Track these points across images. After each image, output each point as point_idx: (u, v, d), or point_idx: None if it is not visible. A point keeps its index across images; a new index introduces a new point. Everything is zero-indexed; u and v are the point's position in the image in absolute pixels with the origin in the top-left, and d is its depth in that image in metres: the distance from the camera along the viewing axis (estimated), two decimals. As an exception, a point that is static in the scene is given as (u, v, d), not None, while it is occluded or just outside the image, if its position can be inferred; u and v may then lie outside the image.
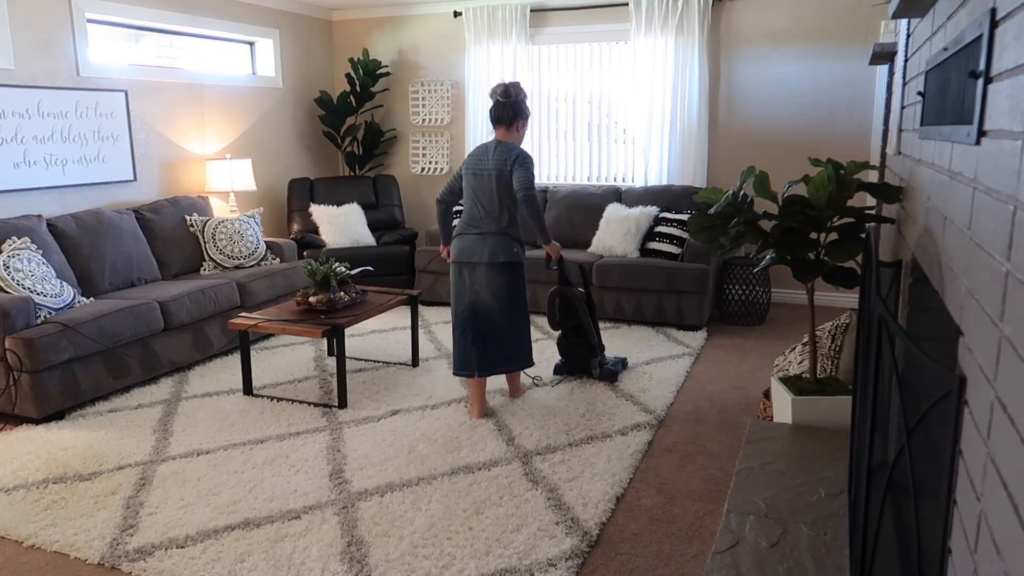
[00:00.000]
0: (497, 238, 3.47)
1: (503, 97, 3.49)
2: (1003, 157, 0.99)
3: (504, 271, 3.48)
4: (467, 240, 3.49)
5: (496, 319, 3.50)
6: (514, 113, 3.49)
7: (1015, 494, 0.79)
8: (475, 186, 3.48)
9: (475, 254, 3.46)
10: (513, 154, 3.44)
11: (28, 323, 3.61)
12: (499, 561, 2.44)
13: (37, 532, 2.66)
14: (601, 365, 4.03)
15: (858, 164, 2.55)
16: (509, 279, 3.49)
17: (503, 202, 3.46)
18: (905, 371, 1.57)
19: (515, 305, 3.54)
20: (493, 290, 3.48)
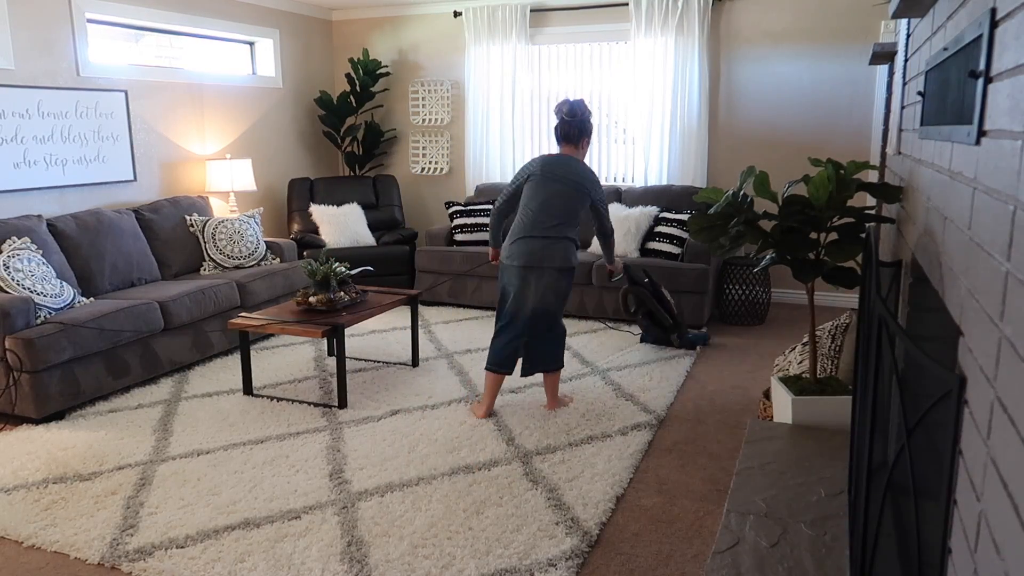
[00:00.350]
0: (566, 243, 3.56)
1: (569, 116, 3.59)
2: (1003, 157, 0.99)
3: (566, 275, 3.58)
4: (536, 244, 3.51)
5: (552, 319, 3.59)
6: (580, 132, 3.61)
7: (1015, 494, 0.79)
8: (550, 191, 3.53)
9: (546, 258, 3.51)
10: (590, 176, 3.60)
11: (28, 323, 3.61)
12: (499, 561, 2.44)
13: (37, 532, 2.66)
14: (681, 336, 4.67)
15: (858, 164, 2.55)
16: (569, 282, 3.61)
17: (576, 213, 3.57)
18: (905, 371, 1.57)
19: (564, 305, 3.66)
20: (556, 291, 3.55)
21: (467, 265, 5.69)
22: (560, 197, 3.52)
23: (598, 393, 3.95)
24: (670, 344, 4.74)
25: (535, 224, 3.53)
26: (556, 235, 3.52)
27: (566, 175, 3.54)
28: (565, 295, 3.63)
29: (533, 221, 3.53)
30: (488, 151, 6.46)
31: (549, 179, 3.55)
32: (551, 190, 3.53)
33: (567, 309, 5.47)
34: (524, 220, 3.57)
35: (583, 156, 3.68)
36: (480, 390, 4.02)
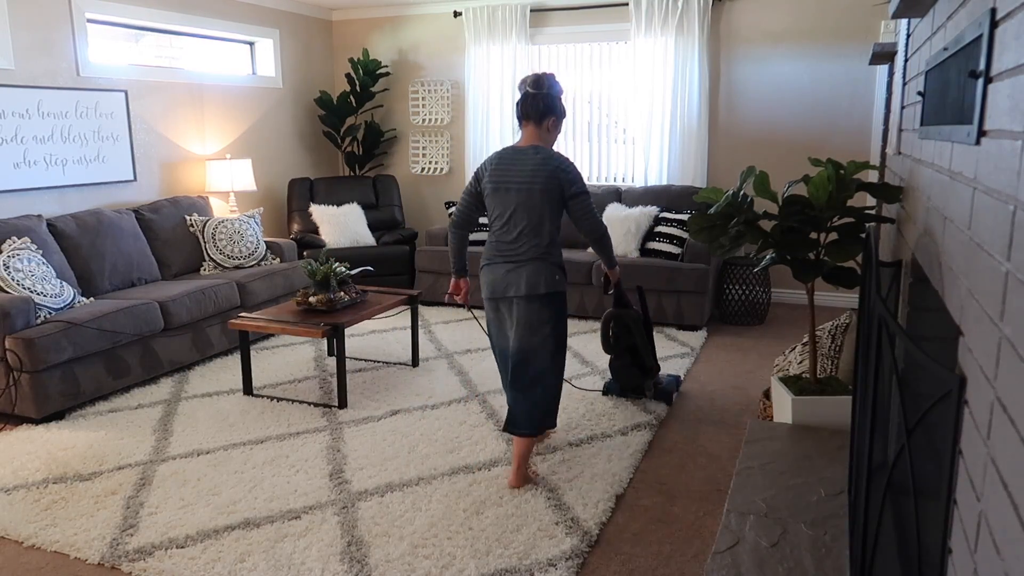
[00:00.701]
0: (536, 265, 2.87)
1: (533, 88, 2.90)
2: (1003, 157, 0.99)
3: (547, 303, 2.89)
4: (499, 271, 2.92)
5: (539, 368, 2.92)
6: (546, 107, 2.90)
7: (1015, 494, 0.79)
8: (507, 201, 2.88)
9: (511, 286, 2.89)
10: (555, 163, 2.84)
11: (28, 323, 3.61)
12: (499, 561, 2.44)
13: (37, 532, 2.66)
14: (655, 385, 3.80)
15: (858, 164, 2.55)
16: (555, 312, 2.91)
17: (545, 221, 2.87)
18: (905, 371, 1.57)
19: (559, 344, 2.96)
20: (536, 327, 2.89)
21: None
22: (522, 208, 2.85)
23: (598, 393, 3.95)
24: (641, 394, 3.82)
25: (497, 245, 2.93)
26: (523, 256, 2.87)
27: (523, 173, 2.84)
28: (553, 333, 2.90)
29: (496, 241, 2.94)
30: (488, 151, 6.46)
31: (502, 186, 2.88)
32: (508, 199, 2.87)
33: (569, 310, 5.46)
34: (488, 240, 2.99)
35: (551, 143, 2.97)
36: (480, 390, 4.02)
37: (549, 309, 2.89)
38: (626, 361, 3.73)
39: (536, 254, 2.88)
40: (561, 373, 2.99)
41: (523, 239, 2.88)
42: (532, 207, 2.85)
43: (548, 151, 2.88)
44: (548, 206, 2.87)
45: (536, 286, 2.86)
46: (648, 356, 3.68)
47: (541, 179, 2.83)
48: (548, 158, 2.85)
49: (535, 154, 2.86)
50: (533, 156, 2.86)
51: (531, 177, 2.83)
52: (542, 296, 2.88)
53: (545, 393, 2.94)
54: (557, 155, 2.87)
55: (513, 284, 2.88)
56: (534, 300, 2.87)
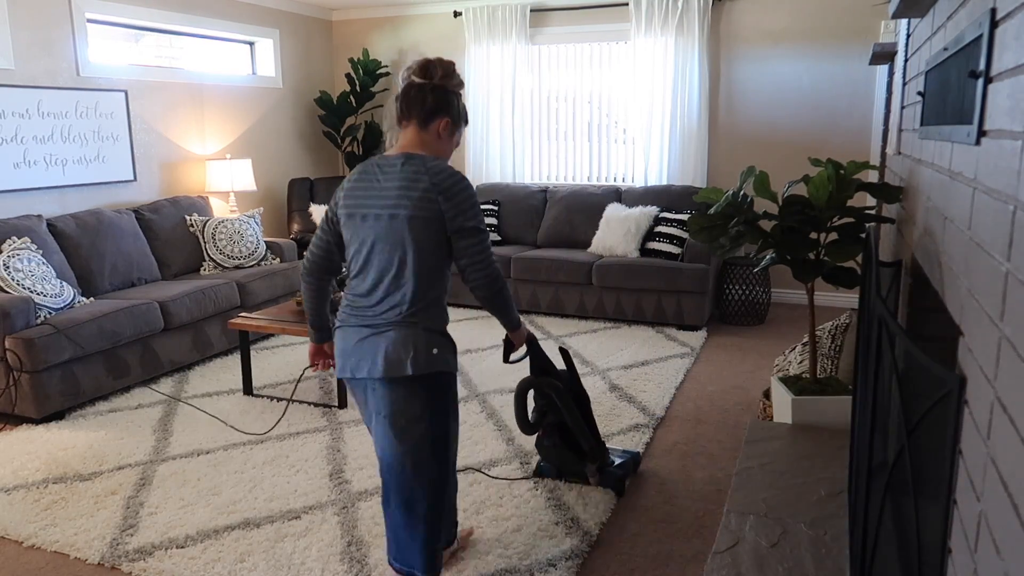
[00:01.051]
0: (402, 332, 1.96)
1: (420, 75, 2.04)
2: (1003, 157, 0.99)
3: (419, 390, 1.99)
4: (350, 338, 2.03)
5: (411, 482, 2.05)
6: (435, 104, 2.03)
7: (1015, 494, 0.79)
8: (361, 236, 2.00)
9: (364, 362, 1.98)
10: (433, 179, 1.95)
11: (28, 323, 3.61)
12: (499, 561, 2.44)
13: (37, 532, 2.66)
14: (602, 469, 2.86)
15: (858, 164, 2.55)
16: (427, 402, 2.00)
17: (416, 264, 1.96)
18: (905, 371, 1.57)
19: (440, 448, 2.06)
20: (402, 424, 2.01)
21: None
22: (381, 245, 1.97)
23: (598, 393, 3.95)
24: (584, 480, 2.92)
25: (353, 300, 2.05)
26: (384, 320, 1.98)
27: (385, 194, 1.96)
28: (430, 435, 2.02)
29: (350, 295, 2.06)
30: (488, 151, 6.46)
31: (357, 212, 2.00)
32: (363, 232, 1.99)
33: (569, 310, 5.46)
34: (345, 294, 2.11)
35: (441, 152, 2.07)
36: (480, 391, 4.02)
37: (421, 399, 1.99)
38: (555, 441, 2.82)
39: (400, 316, 1.96)
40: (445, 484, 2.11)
41: (382, 291, 1.98)
42: (395, 243, 1.95)
43: (427, 161, 1.98)
44: (419, 243, 1.95)
45: (398, 365, 1.95)
46: (584, 436, 2.73)
47: (409, 202, 1.93)
48: (422, 172, 1.95)
49: (404, 165, 1.97)
50: (401, 169, 1.97)
51: (396, 199, 1.94)
52: (410, 380, 1.97)
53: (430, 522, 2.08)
54: (441, 168, 1.97)
55: (367, 359, 1.98)
56: (399, 385, 1.98)
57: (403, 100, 2.06)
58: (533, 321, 5.40)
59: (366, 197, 1.99)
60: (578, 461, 2.85)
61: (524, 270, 5.48)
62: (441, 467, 2.08)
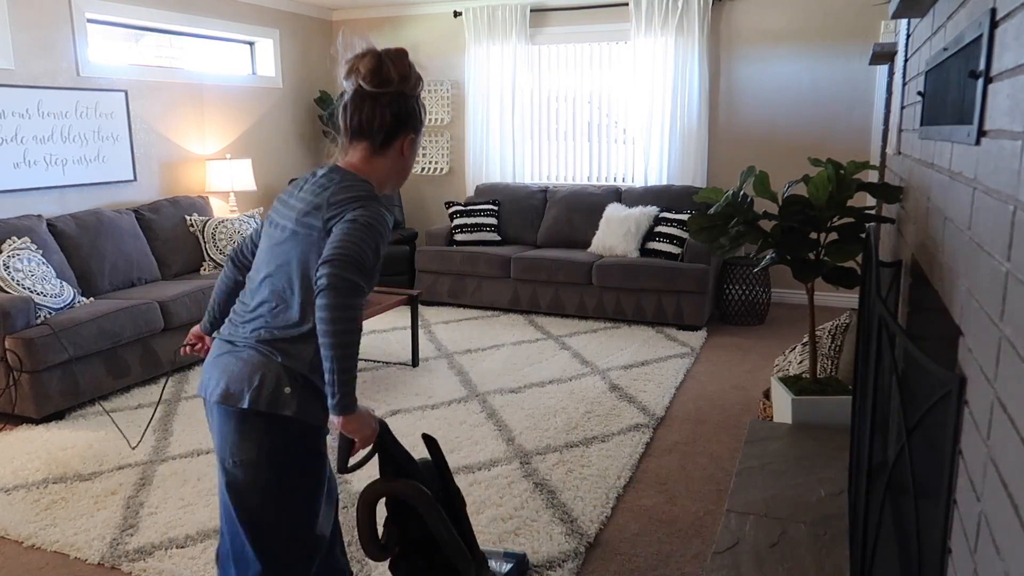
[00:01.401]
0: (252, 355, 1.65)
1: (373, 84, 1.67)
2: (1003, 157, 0.99)
3: (252, 430, 1.65)
4: (215, 349, 1.76)
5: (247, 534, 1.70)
6: (395, 119, 1.70)
7: (1015, 494, 0.79)
8: (261, 245, 1.78)
9: (214, 381, 1.68)
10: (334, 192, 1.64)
11: (28, 323, 3.61)
12: (499, 561, 2.44)
13: (37, 532, 2.66)
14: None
15: (858, 164, 2.55)
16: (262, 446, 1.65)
17: (292, 286, 1.66)
18: (905, 371, 1.57)
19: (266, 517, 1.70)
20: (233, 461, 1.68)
21: None
22: (269, 252, 1.71)
23: (598, 393, 3.95)
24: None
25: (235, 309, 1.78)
26: (242, 336, 1.69)
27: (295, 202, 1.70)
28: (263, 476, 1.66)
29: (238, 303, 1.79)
30: (488, 151, 6.46)
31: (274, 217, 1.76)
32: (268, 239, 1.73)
33: (569, 310, 5.46)
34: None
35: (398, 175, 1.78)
36: (480, 390, 4.02)
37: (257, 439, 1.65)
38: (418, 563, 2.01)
39: (262, 337, 1.66)
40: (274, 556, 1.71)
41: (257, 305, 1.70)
42: (281, 254, 1.68)
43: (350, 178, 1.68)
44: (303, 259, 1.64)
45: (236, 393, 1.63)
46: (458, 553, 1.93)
47: (304, 213, 1.66)
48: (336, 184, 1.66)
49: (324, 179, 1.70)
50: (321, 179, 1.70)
51: (300, 208, 1.68)
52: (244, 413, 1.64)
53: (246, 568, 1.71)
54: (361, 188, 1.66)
55: (213, 380, 1.68)
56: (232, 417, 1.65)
57: (351, 116, 1.70)
58: (533, 321, 5.40)
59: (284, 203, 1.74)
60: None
61: (524, 270, 5.48)
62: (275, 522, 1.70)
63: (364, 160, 1.73)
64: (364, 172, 1.72)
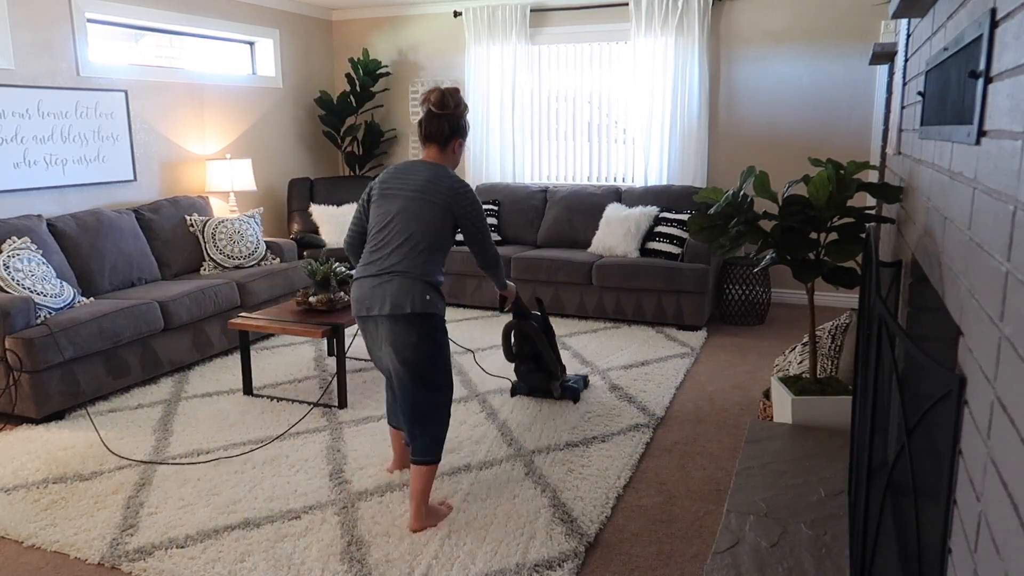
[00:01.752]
0: (403, 280, 2.56)
1: (438, 108, 2.69)
2: (1003, 157, 0.99)
3: (414, 325, 2.57)
4: (365, 286, 2.62)
5: (410, 390, 2.65)
6: (451, 130, 2.71)
7: (1015, 494, 0.79)
8: (387, 209, 2.64)
9: (375, 303, 2.57)
10: (451, 184, 2.64)
11: (28, 323, 3.61)
12: (499, 561, 2.44)
13: (37, 532, 2.66)
14: (563, 385, 3.83)
15: (858, 164, 2.55)
16: (421, 336, 2.58)
17: (424, 236, 2.60)
18: (905, 371, 1.57)
19: (432, 372, 2.64)
20: (401, 351, 2.59)
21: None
22: (404, 214, 2.61)
23: (598, 393, 3.95)
24: (550, 395, 3.87)
25: (370, 256, 2.65)
26: (392, 269, 2.58)
27: (414, 183, 2.63)
28: (424, 354, 2.60)
29: (369, 253, 2.67)
30: (488, 151, 6.47)
31: (389, 192, 2.66)
32: (390, 207, 2.64)
33: (569, 310, 5.47)
34: (363, 253, 2.73)
35: (454, 164, 2.79)
36: (480, 390, 4.02)
37: (418, 330, 2.57)
38: (531, 367, 3.83)
39: (406, 268, 2.58)
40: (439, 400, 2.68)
41: (398, 251, 2.60)
42: (413, 216, 2.60)
43: (447, 170, 2.70)
44: (434, 221, 2.61)
45: (401, 306, 2.55)
46: (551, 362, 3.77)
47: (432, 191, 2.61)
48: (444, 176, 2.65)
49: (436, 171, 2.67)
50: (435, 171, 2.66)
51: (422, 187, 2.62)
52: (408, 316, 2.56)
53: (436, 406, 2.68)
54: (455, 177, 2.68)
55: (378, 301, 2.57)
56: (400, 320, 2.56)
57: (426, 127, 2.72)
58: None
59: (399, 183, 2.65)
60: (545, 380, 3.83)
61: (524, 270, 5.48)
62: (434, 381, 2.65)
63: (436, 154, 2.74)
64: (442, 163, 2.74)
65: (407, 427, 2.69)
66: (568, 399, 3.83)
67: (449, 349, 2.76)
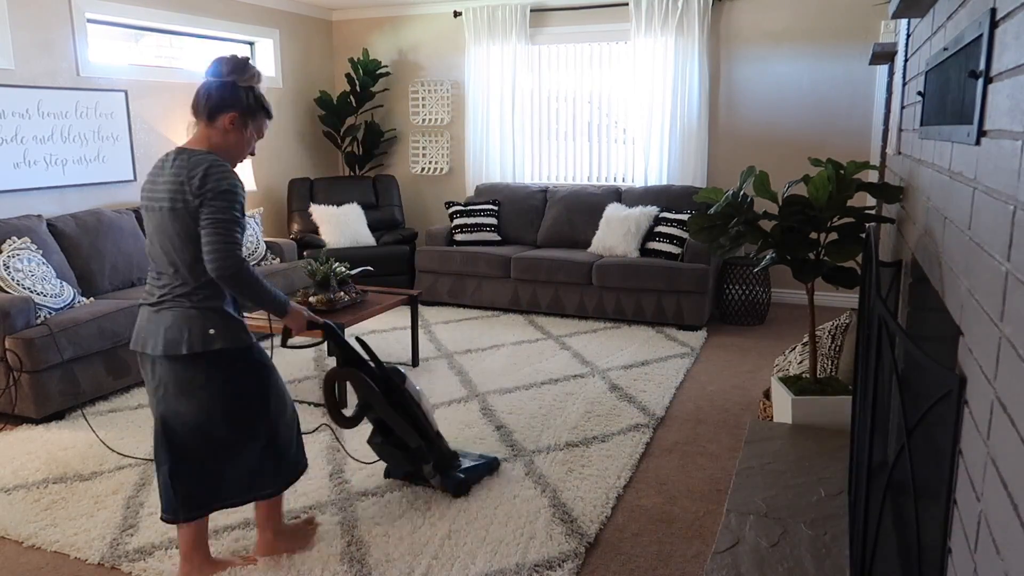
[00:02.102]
0: (177, 313, 2.13)
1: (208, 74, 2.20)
2: (1003, 157, 0.99)
3: (196, 368, 2.15)
4: (142, 315, 2.21)
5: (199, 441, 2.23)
6: (221, 99, 2.16)
7: (1015, 494, 0.79)
8: (147, 226, 2.19)
9: (149, 339, 2.16)
10: (199, 171, 2.07)
11: (28, 323, 3.61)
12: (499, 561, 2.44)
13: (37, 532, 2.66)
14: (443, 471, 2.68)
15: (858, 164, 2.55)
16: (209, 380, 2.17)
17: (184, 251, 2.11)
18: (905, 371, 1.57)
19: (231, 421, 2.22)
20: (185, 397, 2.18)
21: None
22: (159, 234, 2.14)
23: (598, 393, 3.95)
24: (424, 481, 2.79)
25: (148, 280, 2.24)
26: (162, 298, 2.16)
27: (163, 191, 2.11)
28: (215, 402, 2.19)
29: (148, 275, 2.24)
30: (488, 151, 6.46)
31: (146, 204, 2.18)
32: (148, 224, 2.18)
33: (569, 310, 5.46)
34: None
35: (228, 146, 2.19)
36: (480, 390, 4.02)
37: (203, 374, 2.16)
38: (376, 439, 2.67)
39: (175, 296, 2.13)
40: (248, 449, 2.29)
41: (161, 276, 2.17)
42: (167, 235, 2.11)
43: (198, 156, 2.11)
44: (191, 234, 2.09)
45: (175, 343, 2.12)
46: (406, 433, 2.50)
47: (176, 196, 2.08)
48: (192, 163, 2.09)
49: (175, 159, 2.12)
50: (174, 163, 2.12)
51: (167, 193, 2.10)
52: (186, 358, 2.13)
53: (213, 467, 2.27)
54: (205, 158, 2.10)
55: (151, 337, 2.15)
56: (175, 363, 2.14)
57: (194, 98, 2.19)
58: (533, 321, 5.40)
59: (150, 191, 2.16)
60: (408, 461, 2.63)
61: (524, 270, 5.48)
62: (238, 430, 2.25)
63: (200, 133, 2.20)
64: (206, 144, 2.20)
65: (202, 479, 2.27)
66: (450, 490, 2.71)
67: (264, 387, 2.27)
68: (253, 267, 2.19)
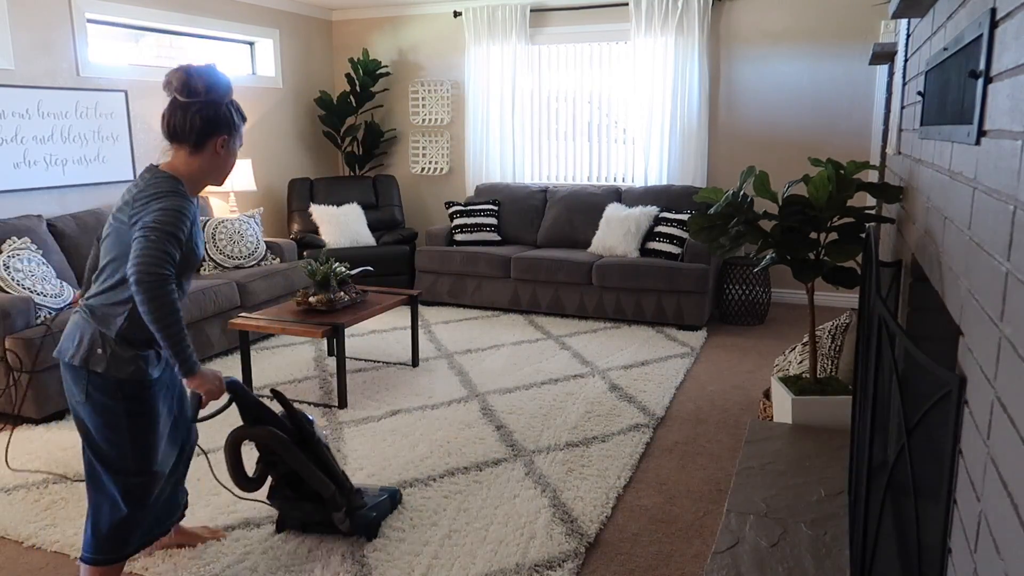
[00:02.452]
0: (78, 320, 2.04)
1: (184, 95, 2.00)
2: (1003, 157, 0.99)
3: (78, 380, 2.03)
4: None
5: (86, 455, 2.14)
6: (205, 123, 2.02)
7: (1015, 494, 0.79)
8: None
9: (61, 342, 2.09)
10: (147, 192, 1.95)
11: (28, 323, 3.61)
12: (499, 561, 2.44)
13: (37, 532, 2.66)
14: (351, 513, 2.56)
15: (858, 164, 2.55)
16: (87, 398, 2.03)
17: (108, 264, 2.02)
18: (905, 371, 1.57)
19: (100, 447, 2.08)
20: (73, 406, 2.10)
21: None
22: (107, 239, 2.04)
23: (598, 393, 3.95)
24: (334, 529, 2.62)
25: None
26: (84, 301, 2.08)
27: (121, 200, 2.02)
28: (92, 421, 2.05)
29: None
30: (488, 151, 6.46)
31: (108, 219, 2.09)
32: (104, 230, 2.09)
33: (569, 310, 5.46)
34: None
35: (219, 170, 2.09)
36: (480, 391, 4.02)
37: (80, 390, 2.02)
38: (286, 494, 2.55)
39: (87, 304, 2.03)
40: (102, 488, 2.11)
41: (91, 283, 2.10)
42: (114, 242, 2.01)
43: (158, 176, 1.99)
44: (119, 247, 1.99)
45: (64, 349, 2.03)
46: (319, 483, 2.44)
47: (118, 212, 2.00)
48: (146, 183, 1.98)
49: (144, 178, 2.01)
50: (143, 179, 2.01)
51: (122, 203, 2.00)
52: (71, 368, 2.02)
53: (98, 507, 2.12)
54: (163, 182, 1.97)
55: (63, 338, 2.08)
56: (66, 369, 2.05)
57: (169, 121, 2.00)
58: (533, 321, 5.40)
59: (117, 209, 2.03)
60: (321, 511, 2.54)
61: (524, 270, 5.48)
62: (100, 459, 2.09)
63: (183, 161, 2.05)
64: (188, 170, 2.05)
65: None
66: (360, 533, 2.59)
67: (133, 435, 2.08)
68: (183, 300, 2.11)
